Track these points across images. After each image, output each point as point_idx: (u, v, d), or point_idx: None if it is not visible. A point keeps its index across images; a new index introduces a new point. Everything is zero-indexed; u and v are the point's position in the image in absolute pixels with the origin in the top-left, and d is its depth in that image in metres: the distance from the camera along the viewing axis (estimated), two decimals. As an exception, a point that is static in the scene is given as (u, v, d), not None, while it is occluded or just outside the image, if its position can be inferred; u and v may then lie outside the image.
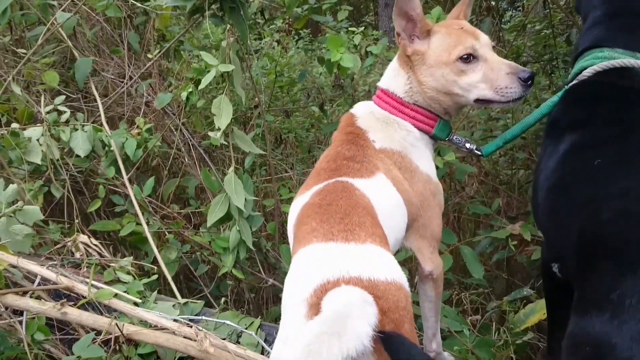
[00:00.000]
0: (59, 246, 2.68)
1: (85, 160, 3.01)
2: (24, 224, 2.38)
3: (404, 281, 1.37)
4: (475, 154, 2.12)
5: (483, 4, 4.39)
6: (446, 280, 2.70)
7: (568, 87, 1.89)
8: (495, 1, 4.58)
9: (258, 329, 2.29)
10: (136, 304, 2.28)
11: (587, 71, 1.84)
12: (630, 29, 1.88)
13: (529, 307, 2.47)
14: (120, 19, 3.54)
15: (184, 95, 2.74)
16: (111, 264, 2.57)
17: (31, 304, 2.18)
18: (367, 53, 3.37)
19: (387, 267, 1.38)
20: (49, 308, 2.16)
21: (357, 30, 3.52)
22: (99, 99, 3.15)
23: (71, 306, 2.18)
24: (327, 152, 1.93)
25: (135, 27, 3.72)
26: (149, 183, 3.01)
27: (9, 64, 3.43)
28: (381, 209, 1.64)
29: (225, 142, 2.55)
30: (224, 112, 2.45)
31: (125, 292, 2.35)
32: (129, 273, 2.52)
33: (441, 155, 2.81)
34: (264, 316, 2.99)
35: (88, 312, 2.24)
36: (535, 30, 4.58)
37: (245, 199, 2.52)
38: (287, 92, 5.27)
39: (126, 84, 3.43)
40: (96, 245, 2.66)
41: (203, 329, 2.08)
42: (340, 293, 1.23)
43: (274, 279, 2.98)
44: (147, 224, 2.84)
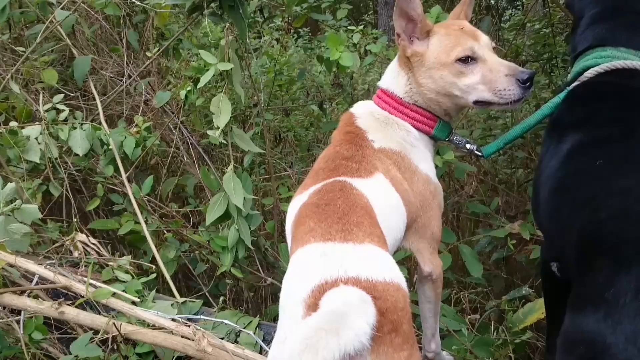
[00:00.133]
0: (57, 245, 2.67)
1: (83, 159, 3.01)
2: (22, 222, 2.38)
3: (402, 281, 1.36)
4: (476, 154, 2.11)
5: (482, 3, 4.39)
6: (445, 279, 2.70)
7: (572, 87, 1.88)
8: (494, 0, 4.57)
9: (256, 328, 2.29)
10: (134, 303, 2.28)
11: (590, 71, 1.83)
12: (632, 27, 1.87)
13: (527, 306, 2.46)
14: (119, 17, 3.53)
15: (182, 93, 2.73)
16: (109, 262, 2.57)
17: (29, 303, 2.18)
18: (366, 52, 3.36)
19: (386, 267, 1.37)
20: (47, 307, 2.16)
21: (356, 29, 3.51)
22: (97, 97, 3.14)
23: (69, 305, 2.18)
24: (325, 151, 1.93)
25: (134, 26, 3.71)
26: (148, 182, 3.01)
27: (8, 62, 3.43)
28: (379, 209, 1.63)
29: (224, 141, 2.54)
30: (222, 111, 2.45)
31: (124, 291, 2.35)
32: (127, 272, 2.52)
33: (440, 154, 2.80)
34: (262, 315, 2.99)
35: (86, 311, 2.23)
36: (534, 29, 4.57)
37: (244, 198, 2.51)
38: (286, 91, 5.27)
39: (125, 82, 3.42)
40: (94, 244, 2.66)
41: (201, 329, 2.07)
42: (338, 293, 1.23)
43: (272, 278, 2.97)
44: (146, 222, 2.84)
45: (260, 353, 2.13)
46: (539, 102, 4.10)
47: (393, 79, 2.01)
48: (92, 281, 2.31)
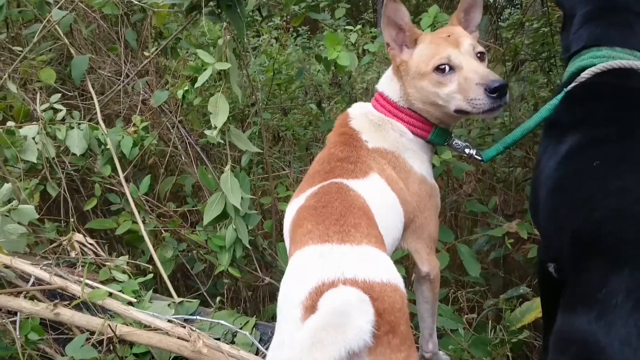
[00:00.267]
0: (54, 245, 2.67)
1: (81, 159, 3.01)
2: (19, 223, 2.37)
3: (399, 282, 1.36)
4: (476, 159, 2.08)
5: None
6: (443, 278, 2.70)
7: (569, 88, 1.87)
8: (493, -1, 4.57)
9: (253, 328, 2.29)
10: (131, 303, 2.28)
11: (587, 72, 1.82)
12: (625, 26, 1.86)
13: (525, 305, 2.47)
14: (117, 16, 3.53)
15: (180, 93, 2.73)
16: (107, 263, 2.57)
17: (24, 304, 2.17)
18: (364, 51, 3.36)
19: (383, 268, 1.37)
20: (42, 309, 2.15)
21: (354, 29, 3.51)
22: (95, 96, 3.14)
23: (65, 306, 2.18)
24: (320, 154, 1.92)
25: (132, 25, 3.71)
26: (145, 181, 3.01)
27: (5, 62, 3.43)
28: (377, 209, 1.63)
29: (221, 141, 2.54)
30: (220, 111, 2.45)
31: (121, 291, 2.34)
32: (124, 272, 2.52)
33: (438, 153, 2.81)
34: (260, 313, 3.00)
35: (82, 312, 2.23)
36: (533, 28, 4.56)
37: (242, 197, 2.51)
38: (285, 90, 5.26)
39: (123, 81, 3.42)
40: (91, 244, 2.66)
41: (196, 330, 2.07)
42: (337, 293, 1.23)
43: (270, 277, 2.97)
44: (144, 222, 2.84)
45: (257, 354, 2.13)
46: (538, 101, 4.10)
47: (388, 84, 2.00)
48: (89, 281, 2.30)
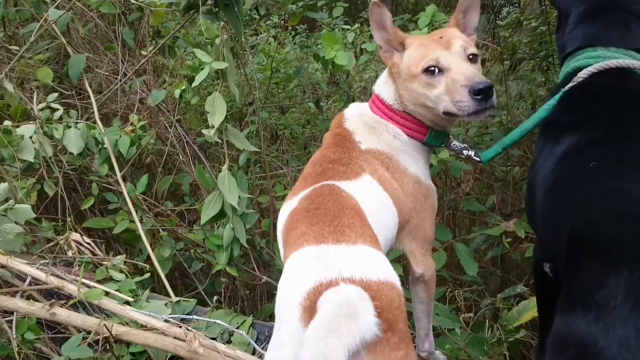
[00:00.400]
0: (51, 244, 2.67)
1: (78, 158, 3.01)
2: (16, 222, 2.37)
3: (396, 280, 1.36)
4: (474, 160, 2.08)
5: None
6: (440, 277, 2.70)
7: (566, 88, 1.87)
8: (491, -3, 4.56)
9: (250, 327, 2.28)
10: (127, 302, 2.27)
11: (583, 72, 1.82)
12: (620, 25, 1.86)
13: (522, 304, 2.46)
14: (114, 15, 3.52)
15: (177, 92, 2.73)
16: (104, 262, 2.57)
17: (20, 304, 2.17)
18: (362, 50, 3.35)
19: (379, 267, 1.37)
20: (38, 309, 2.15)
21: (351, 28, 3.50)
22: (92, 95, 3.14)
23: (62, 305, 2.18)
24: (314, 155, 1.93)
25: (130, 24, 3.70)
26: (143, 180, 3.01)
27: (2, 61, 3.42)
28: (369, 210, 1.63)
29: (219, 140, 2.54)
30: (217, 110, 2.44)
31: (118, 290, 2.34)
32: (121, 271, 2.52)
33: (436, 153, 2.80)
34: (258, 312, 2.99)
35: (78, 311, 2.23)
36: (531, 26, 4.56)
37: (239, 197, 2.51)
38: (282, 89, 5.25)
39: (120, 80, 3.42)
40: (89, 244, 2.65)
41: (192, 329, 2.07)
42: (337, 291, 1.24)
43: (268, 276, 2.97)
44: (141, 221, 2.84)
45: (254, 353, 2.13)
46: (535, 99, 4.10)
47: (383, 86, 2.00)
48: (85, 281, 2.30)
